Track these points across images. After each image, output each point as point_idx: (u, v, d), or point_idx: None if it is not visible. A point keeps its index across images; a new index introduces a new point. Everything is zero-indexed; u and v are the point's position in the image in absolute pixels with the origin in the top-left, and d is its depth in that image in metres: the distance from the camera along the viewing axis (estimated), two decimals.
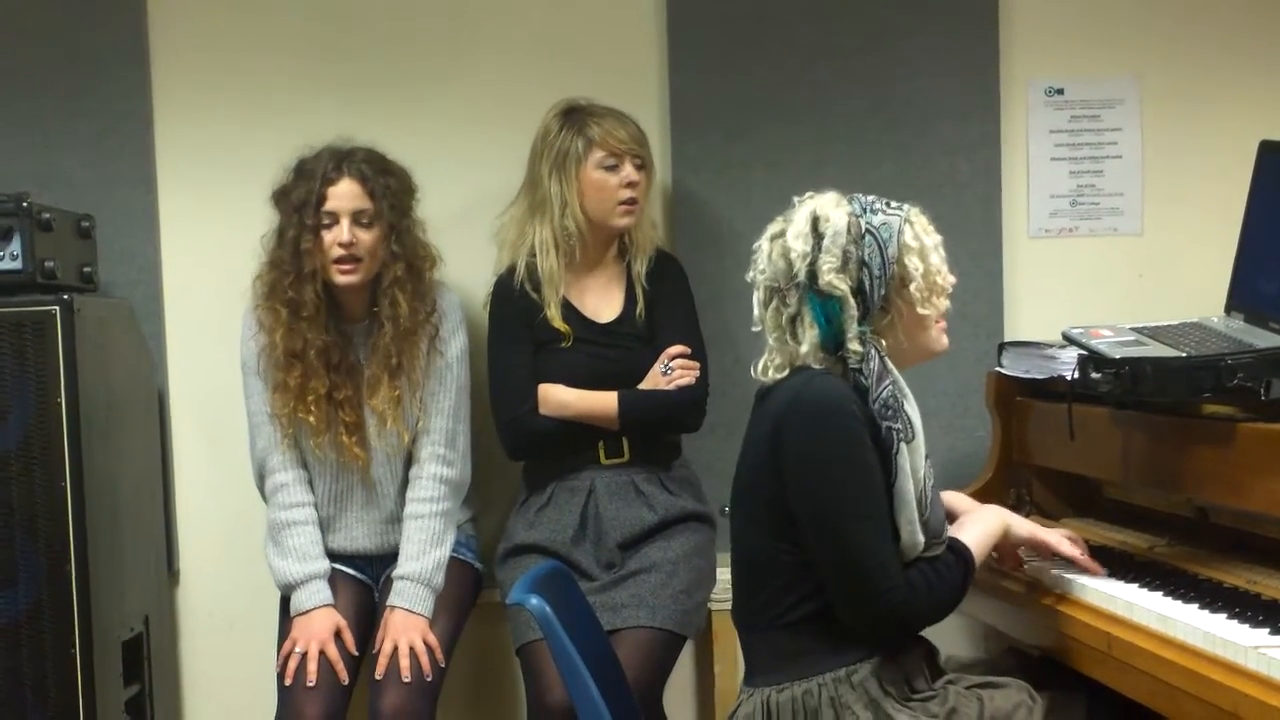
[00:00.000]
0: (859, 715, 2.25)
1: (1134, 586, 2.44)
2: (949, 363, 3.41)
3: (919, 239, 2.36)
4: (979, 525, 2.46)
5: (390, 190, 3.06)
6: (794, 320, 2.35)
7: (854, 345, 2.30)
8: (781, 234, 2.37)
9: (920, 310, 2.36)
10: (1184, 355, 2.51)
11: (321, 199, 3.01)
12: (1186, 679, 2.07)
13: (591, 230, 3.17)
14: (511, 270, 3.20)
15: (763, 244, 2.40)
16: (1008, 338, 3.42)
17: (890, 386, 2.30)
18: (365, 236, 3.03)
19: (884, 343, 2.35)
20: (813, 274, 2.30)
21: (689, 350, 3.16)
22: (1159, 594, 2.37)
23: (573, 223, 3.14)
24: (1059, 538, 2.56)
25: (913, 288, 2.34)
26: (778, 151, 3.48)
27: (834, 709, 2.27)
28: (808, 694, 2.29)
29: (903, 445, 2.28)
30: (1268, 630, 2.11)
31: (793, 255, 2.32)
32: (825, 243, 2.31)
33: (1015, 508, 3.15)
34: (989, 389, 3.29)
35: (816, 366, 2.33)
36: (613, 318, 3.22)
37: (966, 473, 3.38)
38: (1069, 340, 2.77)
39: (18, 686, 2.95)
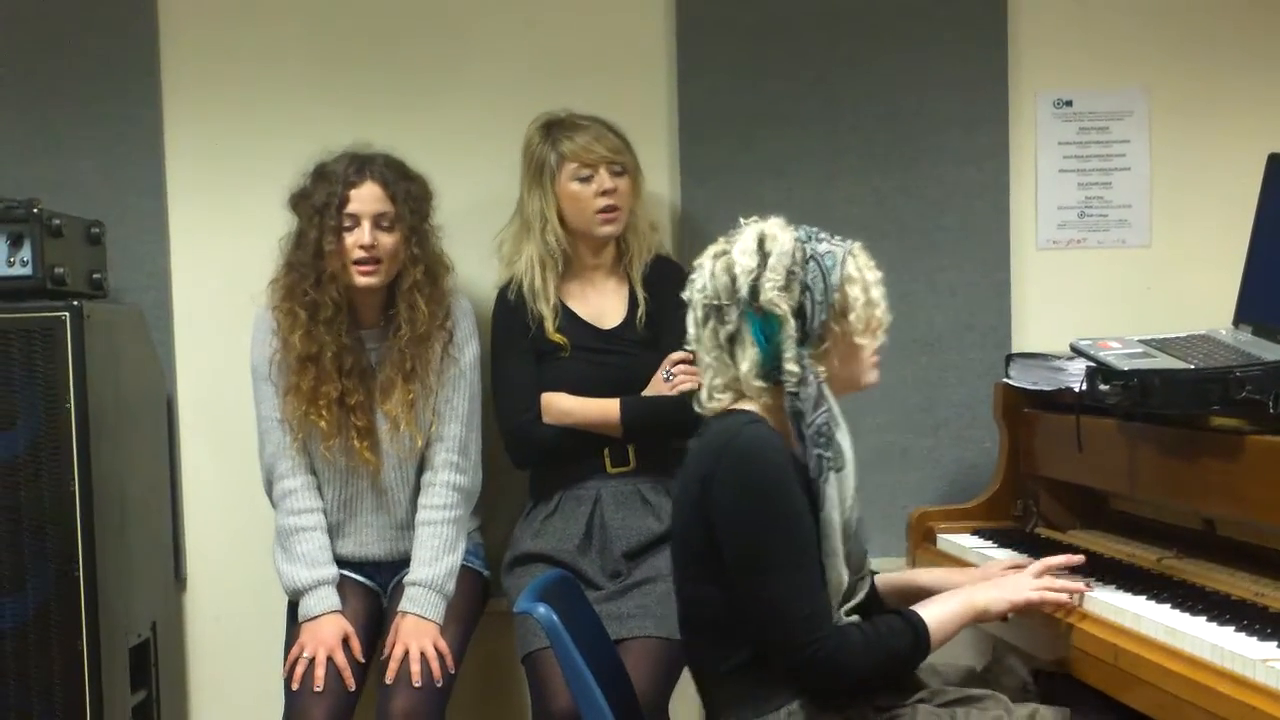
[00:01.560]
0: None
1: (1141, 599, 2.43)
2: (957, 374, 3.44)
3: (861, 272, 2.35)
4: (942, 604, 2.37)
5: (411, 195, 3.09)
6: (732, 339, 2.33)
7: (791, 366, 2.27)
8: (725, 252, 2.35)
9: (857, 340, 2.34)
10: (1192, 368, 2.51)
11: (344, 201, 3.02)
12: (1194, 691, 2.07)
13: (577, 241, 3.19)
14: (509, 285, 3.22)
15: (704, 261, 2.38)
16: (1015, 349, 3.42)
17: (825, 414, 2.28)
18: (386, 240, 3.05)
19: (820, 369, 2.31)
20: (755, 290, 2.29)
21: (691, 356, 3.16)
22: (1166, 606, 2.37)
23: (554, 237, 3.16)
24: (1039, 594, 2.43)
25: (852, 317, 2.33)
26: (786, 161, 3.49)
27: None
28: None
29: (831, 474, 2.26)
30: (1276, 643, 2.10)
31: (737, 270, 2.30)
32: (771, 261, 2.29)
33: (1022, 519, 3.16)
34: (997, 400, 3.28)
35: (753, 383, 2.31)
36: (615, 324, 3.23)
37: (974, 484, 3.38)
38: (1077, 352, 2.77)
39: (25, 691, 2.95)
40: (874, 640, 2.26)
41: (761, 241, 2.32)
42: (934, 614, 2.32)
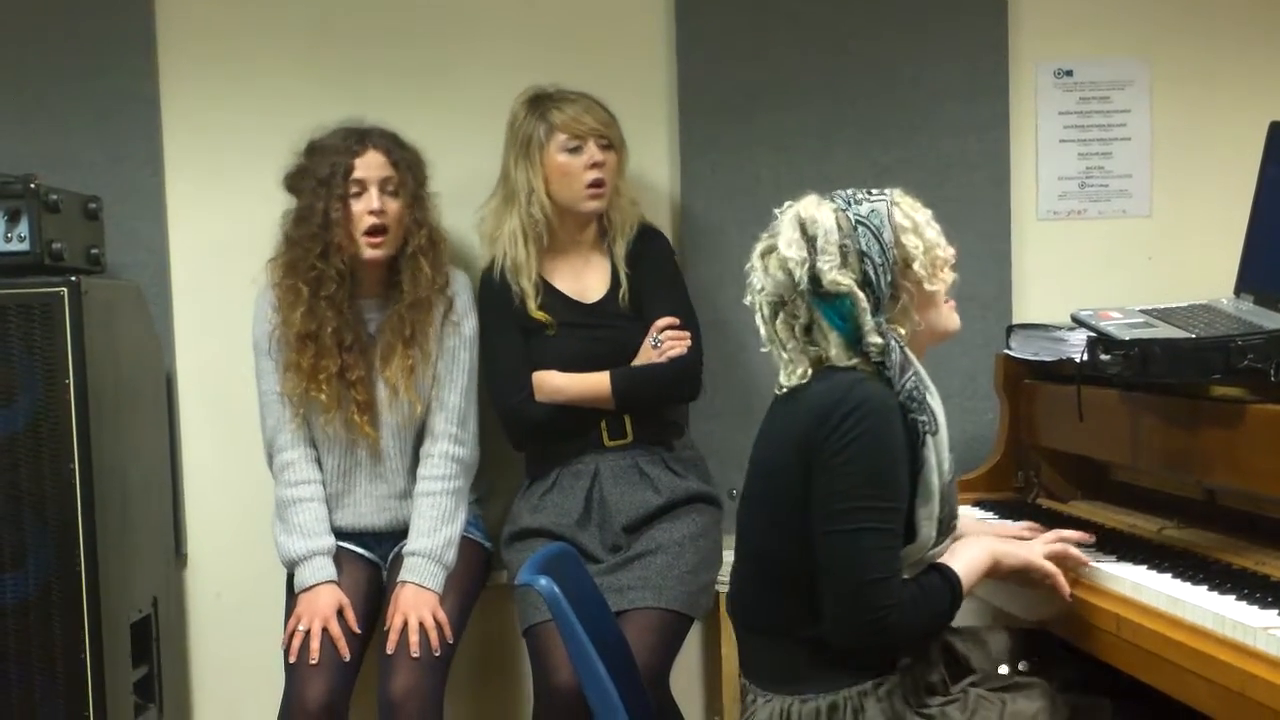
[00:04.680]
0: None
1: (1143, 568, 2.43)
2: (958, 345, 3.39)
3: (909, 216, 2.32)
4: (969, 555, 2.35)
5: (411, 162, 3.11)
6: (809, 329, 2.31)
7: (873, 338, 2.26)
8: (772, 249, 2.32)
9: (929, 287, 2.32)
10: (1193, 337, 2.50)
11: (349, 169, 3.03)
12: (1195, 660, 2.07)
13: (562, 215, 3.18)
14: (492, 263, 3.22)
15: (754, 263, 2.36)
16: (1016, 320, 3.42)
17: (914, 378, 2.27)
18: (392, 205, 3.07)
19: (901, 331, 2.31)
20: (815, 278, 2.26)
21: (678, 321, 3.16)
22: (1168, 576, 2.37)
23: (539, 210, 3.14)
24: (1051, 566, 2.40)
25: (917, 266, 2.30)
26: (786, 135, 3.47)
27: None
28: (834, 707, 2.27)
29: (929, 438, 2.26)
30: (1277, 611, 2.10)
31: (790, 264, 2.28)
32: (819, 243, 2.26)
33: (1023, 490, 3.16)
34: (997, 371, 3.28)
35: (847, 363, 2.29)
36: (599, 297, 3.22)
37: (975, 455, 3.37)
38: (1078, 322, 2.76)
39: (27, 668, 2.95)
40: (922, 603, 2.24)
41: (804, 227, 2.28)
42: (964, 567, 2.31)
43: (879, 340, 2.26)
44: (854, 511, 2.20)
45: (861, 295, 2.26)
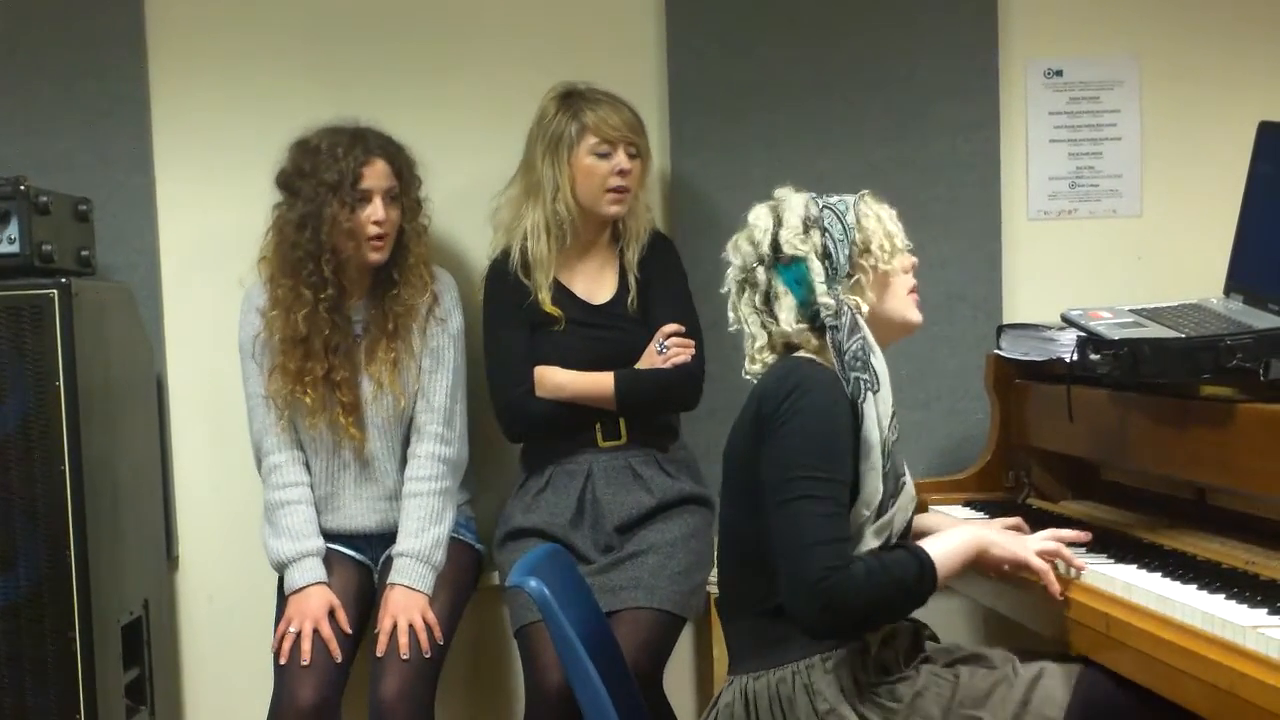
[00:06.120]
0: (829, 701, 2.26)
1: (1132, 567, 2.44)
2: (948, 345, 3.43)
3: (873, 209, 2.46)
4: (947, 539, 2.37)
5: (408, 167, 3.12)
6: (768, 297, 2.43)
7: (825, 300, 2.37)
8: (744, 227, 2.48)
9: (884, 266, 2.43)
10: (1183, 336, 2.50)
11: (358, 177, 3.02)
12: (1185, 659, 2.07)
13: (582, 215, 3.17)
14: (506, 253, 3.21)
15: (729, 248, 2.50)
16: (1006, 320, 3.42)
17: (860, 340, 2.36)
18: (394, 214, 3.07)
19: (854, 299, 2.41)
20: (776, 244, 2.41)
21: (684, 328, 3.16)
22: (1157, 575, 2.37)
23: (564, 207, 3.14)
24: (1042, 563, 2.40)
25: (875, 248, 2.42)
26: (777, 133, 3.48)
27: (807, 695, 2.28)
28: (782, 681, 2.30)
29: (869, 394, 2.33)
30: (1266, 610, 2.10)
31: (756, 233, 2.44)
32: (785, 217, 2.43)
33: (1014, 491, 3.17)
34: (988, 371, 3.29)
35: (796, 328, 2.39)
36: (607, 299, 3.22)
37: (966, 455, 3.38)
38: (1068, 322, 2.77)
39: (18, 670, 2.95)
40: (878, 572, 2.24)
41: (774, 205, 2.46)
42: (939, 548, 2.33)
43: (830, 302, 2.37)
44: (797, 481, 2.26)
45: (818, 264, 2.39)
